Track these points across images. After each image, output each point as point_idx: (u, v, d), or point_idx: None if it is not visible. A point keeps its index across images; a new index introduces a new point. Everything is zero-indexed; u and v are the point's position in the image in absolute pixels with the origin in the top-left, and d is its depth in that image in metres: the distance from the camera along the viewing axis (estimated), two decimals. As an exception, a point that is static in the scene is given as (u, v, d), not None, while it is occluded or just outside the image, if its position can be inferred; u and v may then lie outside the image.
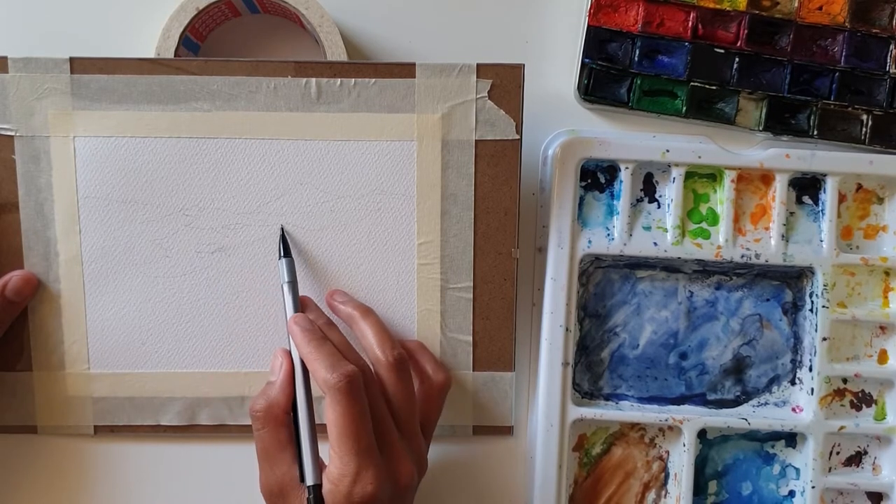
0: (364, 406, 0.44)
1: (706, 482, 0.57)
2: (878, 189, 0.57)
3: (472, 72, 0.51)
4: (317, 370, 0.45)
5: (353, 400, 0.44)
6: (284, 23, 0.56)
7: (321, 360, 0.45)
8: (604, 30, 0.55)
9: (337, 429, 0.44)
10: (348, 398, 0.43)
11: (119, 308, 0.53)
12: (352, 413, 0.43)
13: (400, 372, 0.48)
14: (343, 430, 0.43)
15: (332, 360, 0.45)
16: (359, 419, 0.44)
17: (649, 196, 0.56)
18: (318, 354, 0.45)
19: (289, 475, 0.46)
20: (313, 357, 0.45)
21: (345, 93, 0.51)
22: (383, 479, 0.44)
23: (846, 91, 0.55)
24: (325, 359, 0.45)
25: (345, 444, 0.44)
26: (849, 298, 0.56)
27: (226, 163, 0.52)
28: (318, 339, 0.47)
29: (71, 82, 0.50)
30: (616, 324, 0.57)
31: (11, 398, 0.53)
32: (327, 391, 0.44)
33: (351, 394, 0.44)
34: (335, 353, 0.46)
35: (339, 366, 0.44)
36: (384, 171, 0.52)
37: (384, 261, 0.53)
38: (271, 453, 0.46)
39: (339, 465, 0.44)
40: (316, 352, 0.46)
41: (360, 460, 0.43)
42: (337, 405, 0.43)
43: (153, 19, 0.54)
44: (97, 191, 0.52)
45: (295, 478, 0.46)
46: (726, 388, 0.57)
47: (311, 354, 0.46)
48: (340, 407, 0.43)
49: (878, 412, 0.57)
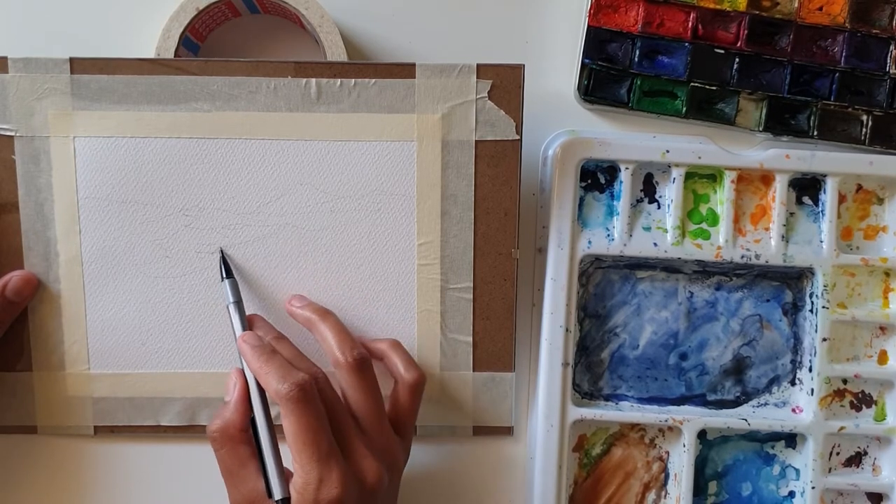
0: (319, 412, 0.44)
1: (706, 483, 0.57)
2: (878, 190, 0.57)
3: (472, 72, 0.51)
4: (269, 383, 0.45)
5: (307, 407, 0.44)
6: (284, 23, 0.56)
7: (272, 373, 0.45)
8: (604, 30, 0.55)
9: (294, 438, 0.44)
10: (301, 406, 0.44)
11: (119, 308, 0.53)
12: (307, 420, 0.43)
13: (361, 372, 0.48)
14: (300, 438, 0.43)
15: (283, 372, 0.45)
16: (315, 426, 0.44)
17: (649, 196, 0.56)
18: (268, 368, 0.45)
19: (255, 491, 0.46)
20: (264, 371, 0.45)
21: (345, 93, 0.51)
22: (348, 481, 0.44)
23: (846, 91, 0.55)
24: (276, 371, 0.45)
25: (304, 452, 0.44)
26: (849, 299, 0.56)
27: (226, 163, 0.52)
28: (267, 353, 0.47)
29: (71, 82, 0.50)
30: (616, 324, 0.57)
31: (11, 398, 0.53)
32: (280, 402, 0.44)
33: (303, 401, 0.44)
34: (285, 364, 0.46)
35: (289, 376, 0.44)
36: (384, 171, 0.52)
37: (384, 261, 0.53)
38: (234, 471, 0.46)
39: (301, 473, 0.44)
40: (266, 365, 0.46)
41: (321, 466, 0.43)
42: (291, 414, 0.44)
43: (153, 19, 0.54)
44: (97, 191, 0.52)
45: (261, 492, 0.46)
46: (726, 388, 0.57)
47: (261, 369, 0.46)
48: (294, 416, 0.43)
49: (878, 413, 0.57)
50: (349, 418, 0.47)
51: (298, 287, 0.52)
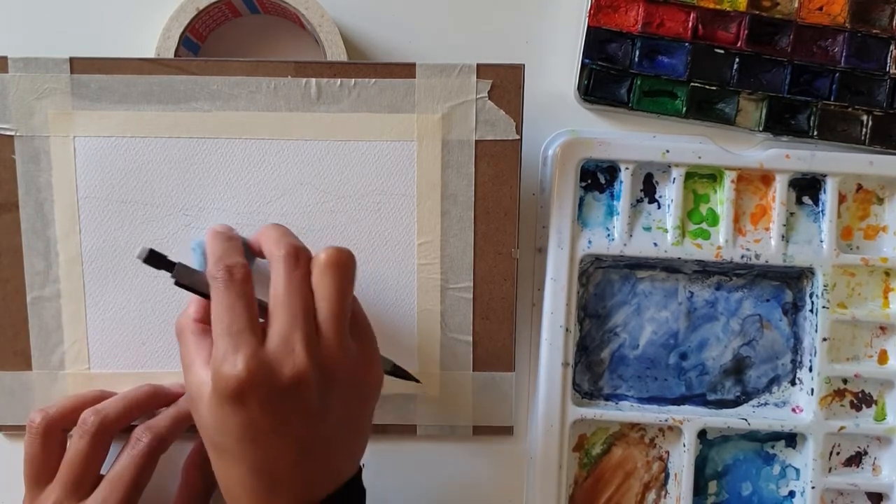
0: (243, 294, 0.43)
1: (706, 482, 0.57)
2: (878, 189, 0.57)
3: (473, 72, 0.51)
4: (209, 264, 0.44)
5: (229, 288, 0.42)
6: (284, 23, 0.56)
7: (211, 253, 0.45)
8: (604, 30, 0.55)
9: (213, 314, 0.42)
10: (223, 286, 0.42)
11: (119, 308, 0.53)
12: (226, 300, 0.42)
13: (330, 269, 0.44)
14: (216, 313, 0.42)
15: (221, 254, 0.44)
16: (232, 304, 0.42)
17: (649, 196, 0.56)
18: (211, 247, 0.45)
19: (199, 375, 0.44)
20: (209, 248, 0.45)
21: (345, 93, 0.51)
22: (257, 365, 0.40)
23: (846, 91, 0.55)
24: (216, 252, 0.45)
25: (217, 325, 0.42)
26: (849, 299, 0.56)
27: (226, 163, 0.52)
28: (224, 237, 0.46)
29: (71, 82, 0.50)
30: (616, 324, 0.57)
31: (11, 398, 0.53)
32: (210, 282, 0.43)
33: (227, 282, 0.43)
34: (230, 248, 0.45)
35: (226, 258, 0.44)
36: (384, 171, 0.52)
37: (384, 261, 0.53)
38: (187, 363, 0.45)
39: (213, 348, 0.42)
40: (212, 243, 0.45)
41: (229, 340, 0.41)
42: (214, 292, 0.43)
43: (153, 20, 0.54)
44: (97, 191, 0.52)
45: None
46: (726, 388, 0.57)
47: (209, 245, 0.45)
48: (216, 294, 0.43)
49: (878, 413, 0.57)
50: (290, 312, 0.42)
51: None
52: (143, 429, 0.49)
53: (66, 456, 0.48)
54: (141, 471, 0.48)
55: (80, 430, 0.48)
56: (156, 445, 0.48)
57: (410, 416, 0.54)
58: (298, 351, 0.41)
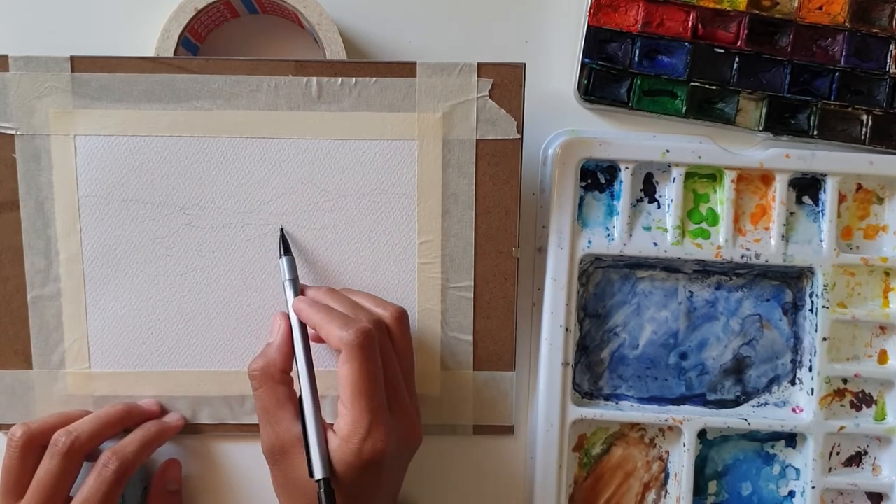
0: (378, 363, 0.44)
1: (706, 482, 0.57)
2: (878, 189, 0.57)
3: (473, 71, 0.51)
4: (331, 332, 0.44)
5: (369, 356, 0.43)
6: (283, 23, 0.56)
7: (334, 322, 0.45)
8: (604, 30, 0.55)
9: (351, 385, 0.43)
10: (364, 354, 0.43)
11: (120, 307, 0.53)
12: (367, 369, 0.43)
13: (403, 323, 0.48)
14: (358, 386, 0.43)
15: (345, 320, 0.45)
16: (374, 374, 0.43)
17: (649, 196, 0.56)
18: (329, 318, 0.45)
19: (289, 432, 0.45)
20: (326, 321, 0.45)
21: (346, 92, 0.51)
22: (392, 436, 0.44)
23: (846, 91, 0.55)
24: (337, 319, 0.45)
25: (360, 400, 0.43)
26: (849, 298, 0.56)
27: (226, 162, 0.52)
28: (326, 308, 0.47)
29: (72, 81, 0.51)
30: (616, 324, 0.57)
31: (11, 397, 0.53)
32: (343, 348, 0.43)
33: (366, 349, 0.43)
34: (345, 315, 0.46)
35: (353, 323, 0.44)
36: (385, 170, 0.52)
37: (385, 260, 0.53)
38: (271, 410, 0.46)
39: (350, 421, 0.43)
40: (327, 316, 0.45)
41: (372, 417, 0.43)
42: (354, 361, 0.43)
43: (152, 20, 0.54)
44: (98, 189, 0.52)
45: (295, 434, 0.45)
46: (726, 388, 0.57)
47: (322, 320, 0.45)
48: (357, 363, 0.43)
49: (878, 412, 0.57)
50: (400, 374, 0.46)
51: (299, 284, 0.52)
52: (110, 453, 0.49)
53: (37, 475, 0.48)
54: (107, 497, 0.48)
55: (51, 450, 0.48)
56: (122, 472, 0.49)
57: (411, 415, 0.54)
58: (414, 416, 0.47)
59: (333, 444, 0.44)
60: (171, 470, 0.54)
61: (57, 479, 0.48)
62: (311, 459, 0.44)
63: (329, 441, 0.44)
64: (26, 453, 0.49)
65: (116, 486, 0.48)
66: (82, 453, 0.49)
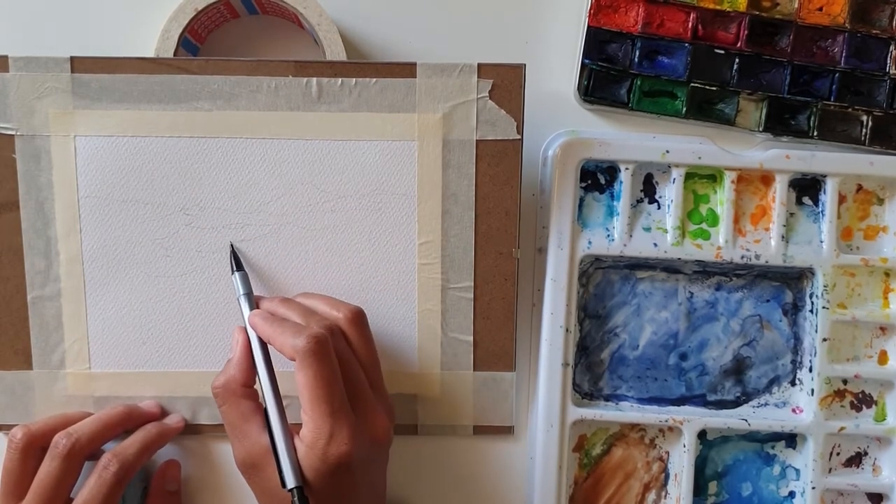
0: (333, 365, 0.44)
1: (706, 483, 0.57)
2: (879, 190, 0.57)
3: (473, 72, 0.51)
4: (284, 342, 0.44)
5: (322, 360, 0.43)
6: (283, 23, 0.56)
7: (286, 332, 0.45)
8: (604, 30, 0.55)
9: (309, 391, 0.43)
10: (317, 359, 0.43)
11: (120, 307, 0.53)
12: (322, 374, 0.43)
13: (360, 325, 0.47)
14: (315, 391, 0.43)
15: (297, 329, 0.45)
16: (330, 379, 0.43)
17: (649, 197, 0.56)
18: (281, 329, 0.45)
19: (258, 445, 0.46)
20: (278, 333, 0.45)
21: (346, 92, 0.51)
22: (358, 436, 0.44)
23: (846, 92, 0.55)
24: (289, 329, 0.45)
25: (318, 406, 0.43)
26: (849, 299, 0.56)
27: (226, 162, 0.52)
28: (278, 319, 0.47)
29: (72, 81, 0.51)
30: (616, 324, 0.57)
31: (11, 397, 0.53)
32: (297, 356, 0.43)
33: (318, 354, 0.43)
34: (297, 324, 0.46)
35: (304, 330, 0.44)
36: (385, 170, 0.52)
37: (385, 260, 0.53)
38: (237, 426, 0.46)
39: (312, 427, 0.43)
40: (280, 328, 0.45)
41: (333, 420, 0.43)
42: (308, 367, 0.43)
43: (152, 20, 0.54)
44: (98, 190, 0.52)
45: (264, 446, 0.45)
46: (726, 388, 0.57)
47: (274, 332, 0.46)
48: (312, 369, 0.43)
49: (878, 413, 0.57)
50: (361, 373, 0.46)
51: (298, 286, 0.52)
52: (111, 455, 0.49)
53: (38, 477, 0.48)
54: (107, 499, 0.48)
55: (51, 452, 0.48)
56: (122, 474, 0.49)
57: (411, 415, 0.54)
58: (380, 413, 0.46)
59: (301, 451, 0.44)
60: (170, 470, 0.54)
61: (57, 480, 0.48)
62: (282, 470, 0.45)
63: (297, 449, 0.45)
64: (27, 455, 0.49)
65: (117, 488, 0.48)
66: (83, 455, 0.49)
